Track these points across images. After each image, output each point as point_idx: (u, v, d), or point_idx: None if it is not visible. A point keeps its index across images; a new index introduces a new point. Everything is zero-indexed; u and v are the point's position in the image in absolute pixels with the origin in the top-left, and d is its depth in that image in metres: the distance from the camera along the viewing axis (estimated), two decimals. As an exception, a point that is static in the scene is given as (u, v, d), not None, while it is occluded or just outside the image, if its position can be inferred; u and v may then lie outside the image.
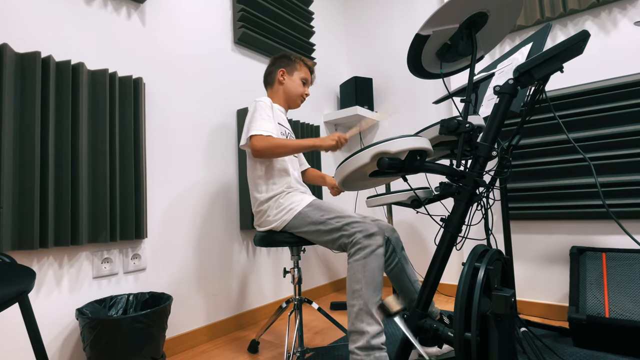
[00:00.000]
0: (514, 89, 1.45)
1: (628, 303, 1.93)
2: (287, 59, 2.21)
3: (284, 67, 2.20)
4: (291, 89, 2.19)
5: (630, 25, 2.28)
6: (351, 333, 1.59)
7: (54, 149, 1.73)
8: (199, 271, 2.37)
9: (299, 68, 2.21)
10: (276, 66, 2.21)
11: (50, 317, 1.76)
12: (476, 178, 1.45)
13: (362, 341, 1.53)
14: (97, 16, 2.01)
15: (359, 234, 1.66)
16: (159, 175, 2.20)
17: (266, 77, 2.26)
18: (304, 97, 2.24)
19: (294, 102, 2.23)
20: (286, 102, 2.23)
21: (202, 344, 2.31)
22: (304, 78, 2.22)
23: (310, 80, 2.27)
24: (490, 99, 2.11)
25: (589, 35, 1.34)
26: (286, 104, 2.23)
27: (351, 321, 1.59)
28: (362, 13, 3.92)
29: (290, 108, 2.28)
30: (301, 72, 2.21)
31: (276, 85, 2.20)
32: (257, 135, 1.88)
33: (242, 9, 2.71)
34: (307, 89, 2.25)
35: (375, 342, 1.53)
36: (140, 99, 2.06)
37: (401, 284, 1.99)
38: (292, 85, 2.19)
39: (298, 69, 2.21)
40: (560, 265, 2.45)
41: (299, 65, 2.22)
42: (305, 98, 2.25)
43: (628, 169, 2.19)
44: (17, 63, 1.67)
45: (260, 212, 1.99)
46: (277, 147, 1.88)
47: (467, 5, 1.40)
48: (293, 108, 2.28)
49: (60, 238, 1.73)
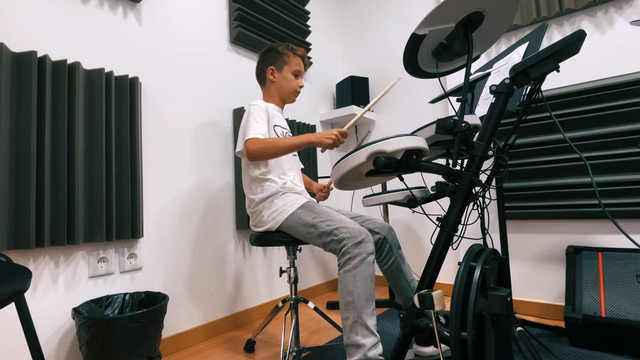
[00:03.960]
0: (510, 88, 1.45)
1: (624, 302, 1.93)
2: (274, 53, 2.13)
3: (273, 65, 2.12)
4: (283, 86, 2.13)
5: (627, 24, 2.29)
6: (347, 347, 1.57)
7: (50, 148, 1.73)
8: (195, 271, 2.36)
9: (289, 60, 2.12)
10: (264, 64, 2.15)
11: (46, 317, 1.75)
12: (472, 177, 1.45)
13: (358, 354, 1.52)
14: (93, 15, 2.00)
15: (347, 242, 1.64)
16: (155, 175, 2.20)
17: (258, 76, 2.21)
18: (298, 91, 2.17)
19: (289, 98, 2.17)
20: (281, 100, 2.18)
21: (198, 344, 2.31)
22: (295, 71, 2.14)
23: (302, 70, 2.18)
24: (486, 98, 2.12)
25: (585, 34, 1.34)
26: (281, 102, 2.18)
27: (346, 334, 1.58)
28: (359, 12, 3.92)
29: (286, 103, 2.23)
30: (292, 65, 2.13)
31: (268, 84, 2.15)
32: (251, 138, 1.85)
33: (238, 9, 2.71)
34: (301, 81, 2.17)
35: (372, 354, 1.52)
36: (136, 98, 2.05)
37: (397, 283, 1.99)
38: (284, 82, 2.13)
39: (287, 62, 2.12)
40: (556, 265, 2.46)
41: (287, 58, 2.12)
42: (299, 91, 2.18)
43: (624, 169, 2.20)
44: (13, 62, 1.66)
45: (255, 212, 1.98)
46: (271, 147, 1.83)
47: (463, 4, 1.41)
48: (288, 103, 2.23)
49: (56, 237, 1.73)
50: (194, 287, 2.34)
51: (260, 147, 1.83)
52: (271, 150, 1.84)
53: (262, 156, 1.86)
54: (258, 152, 1.83)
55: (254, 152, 1.83)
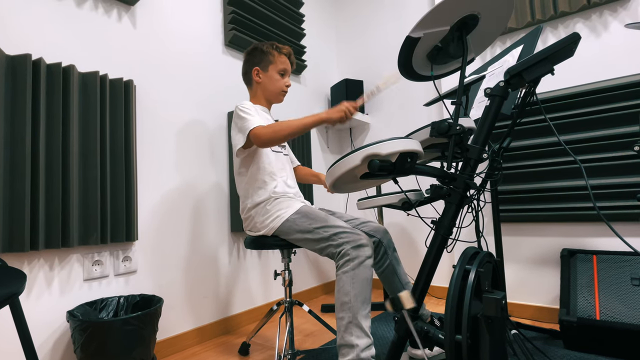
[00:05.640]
0: (505, 91, 1.46)
1: (619, 305, 1.94)
2: (259, 52, 2.09)
3: (258, 65, 2.08)
4: (269, 87, 2.09)
5: (621, 27, 2.30)
6: (340, 347, 1.56)
7: (45, 151, 1.72)
8: (190, 273, 2.36)
9: (274, 59, 2.07)
10: (250, 64, 2.11)
11: (41, 320, 1.75)
12: (467, 180, 1.45)
13: (351, 355, 1.51)
14: (88, 18, 2.00)
15: (347, 245, 1.63)
16: (150, 178, 2.19)
17: (244, 76, 2.18)
18: (285, 91, 2.13)
19: (276, 99, 2.14)
20: (267, 101, 2.14)
21: (193, 346, 2.31)
22: (281, 69, 2.09)
23: (289, 69, 2.14)
24: (481, 101, 2.12)
25: (580, 37, 1.35)
26: (268, 102, 2.15)
27: (340, 334, 1.56)
28: (353, 15, 3.93)
29: (274, 103, 2.20)
30: (277, 64, 2.08)
31: (254, 85, 2.12)
32: (256, 127, 1.81)
33: (232, 11, 2.71)
34: (288, 80, 2.13)
35: (365, 355, 1.51)
36: (131, 101, 2.05)
37: (392, 285, 1.99)
38: (269, 82, 2.09)
39: (273, 61, 2.07)
40: (551, 268, 2.46)
41: (272, 57, 2.07)
42: (286, 91, 2.14)
43: (619, 172, 2.20)
44: (8, 65, 1.66)
45: (248, 218, 1.97)
46: (282, 130, 1.77)
47: (458, 7, 1.41)
48: (276, 103, 2.20)
49: (51, 240, 1.72)
50: (188, 290, 2.34)
51: (269, 132, 1.78)
52: (284, 131, 1.77)
53: (274, 140, 1.79)
54: (269, 136, 1.78)
55: (263, 136, 1.78)
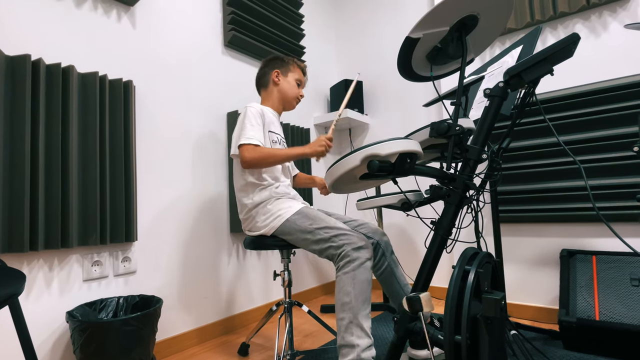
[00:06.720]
0: (504, 91, 1.46)
1: (618, 306, 1.94)
2: (280, 61, 2.18)
3: (278, 68, 2.16)
4: (287, 90, 2.15)
5: (621, 28, 2.30)
6: (341, 347, 1.56)
7: (44, 151, 1.72)
8: (189, 274, 2.36)
9: (293, 69, 2.18)
10: (269, 67, 2.17)
11: (40, 320, 1.75)
12: (466, 181, 1.45)
13: (352, 355, 1.51)
14: (87, 19, 2.00)
15: (347, 247, 1.64)
16: (149, 178, 2.19)
17: (259, 79, 2.22)
18: (299, 99, 2.21)
19: (289, 104, 2.19)
20: (281, 104, 2.19)
21: (192, 347, 2.30)
22: (298, 79, 2.19)
23: (303, 82, 2.24)
24: (480, 101, 2.12)
25: (579, 38, 1.35)
26: (281, 106, 2.19)
27: (341, 335, 1.57)
28: (352, 16, 3.93)
29: (285, 110, 2.23)
30: (295, 74, 2.18)
31: (270, 86, 2.16)
32: (247, 145, 1.86)
33: (232, 12, 2.70)
34: (302, 90, 2.22)
35: (365, 355, 1.51)
36: (130, 101, 2.05)
37: (391, 287, 1.99)
38: (288, 87, 2.15)
39: (292, 70, 2.18)
40: (550, 268, 2.46)
41: (292, 67, 2.18)
42: (300, 99, 2.22)
43: (618, 172, 2.20)
44: (7, 66, 1.66)
45: (248, 218, 1.98)
46: (267, 157, 1.87)
47: (457, 7, 1.41)
48: (288, 110, 2.24)
49: (50, 241, 1.72)
50: (188, 291, 2.34)
51: (255, 157, 1.85)
52: (267, 160, 1.88)
53: (258, 165, 1.89)
54: (254, 161, 1.86)
55: (249, 160, 1.85)
